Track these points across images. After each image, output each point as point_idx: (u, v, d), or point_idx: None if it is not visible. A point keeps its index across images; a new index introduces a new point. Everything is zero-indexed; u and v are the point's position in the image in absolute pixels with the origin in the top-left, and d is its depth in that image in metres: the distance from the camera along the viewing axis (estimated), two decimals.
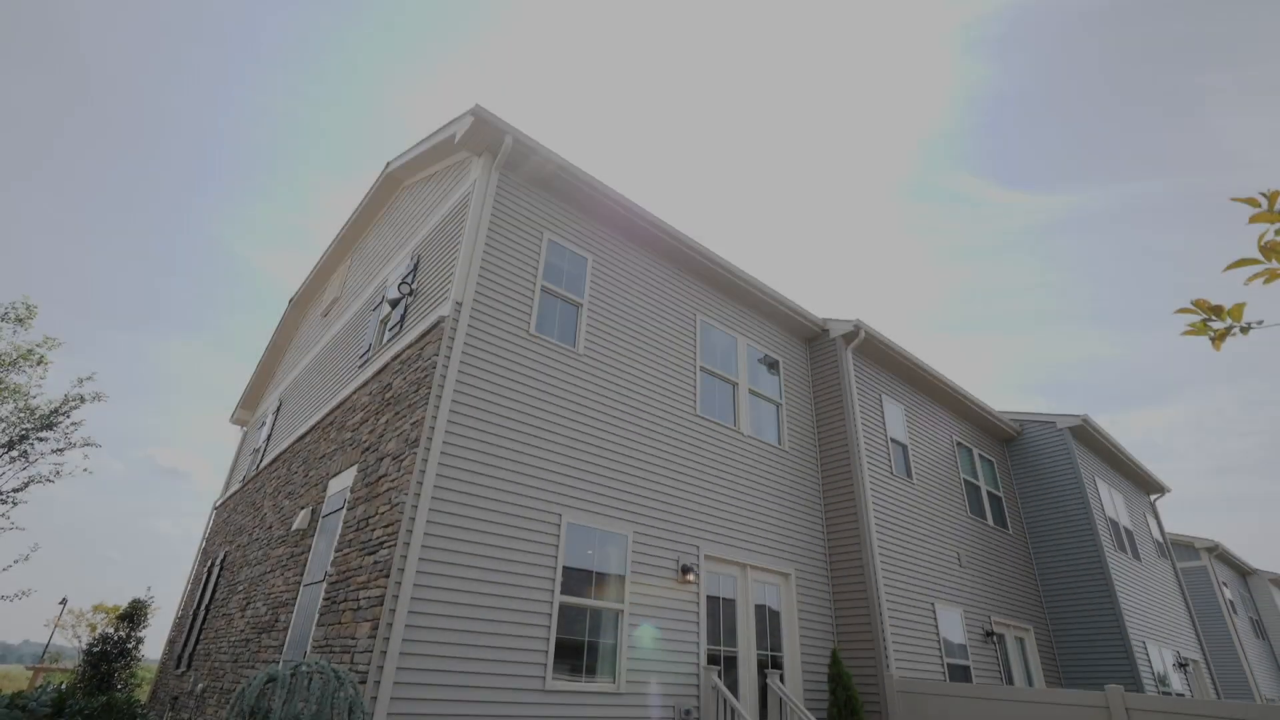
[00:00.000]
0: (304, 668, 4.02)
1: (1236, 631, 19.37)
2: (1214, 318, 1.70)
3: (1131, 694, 6.17)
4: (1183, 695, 12.37)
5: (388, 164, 10.15)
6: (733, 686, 7.31)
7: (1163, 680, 11.95)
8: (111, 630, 13.25)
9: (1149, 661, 11.68)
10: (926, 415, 11.81)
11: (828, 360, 10.49)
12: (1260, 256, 1.63)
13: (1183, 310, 1.74)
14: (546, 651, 5.86)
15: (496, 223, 7.25)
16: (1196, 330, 1.73)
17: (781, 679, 7.63)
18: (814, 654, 8.23)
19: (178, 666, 11.17)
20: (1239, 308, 1.68)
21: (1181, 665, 13.14)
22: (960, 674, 9.48)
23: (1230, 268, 1.64)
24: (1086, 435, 13.63)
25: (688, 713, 6.57)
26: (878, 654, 8.13)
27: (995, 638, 10.61)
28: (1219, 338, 1.69)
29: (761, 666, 7.67)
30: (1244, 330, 1.69)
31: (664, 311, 8.68)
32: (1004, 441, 13.99)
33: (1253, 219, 1.60)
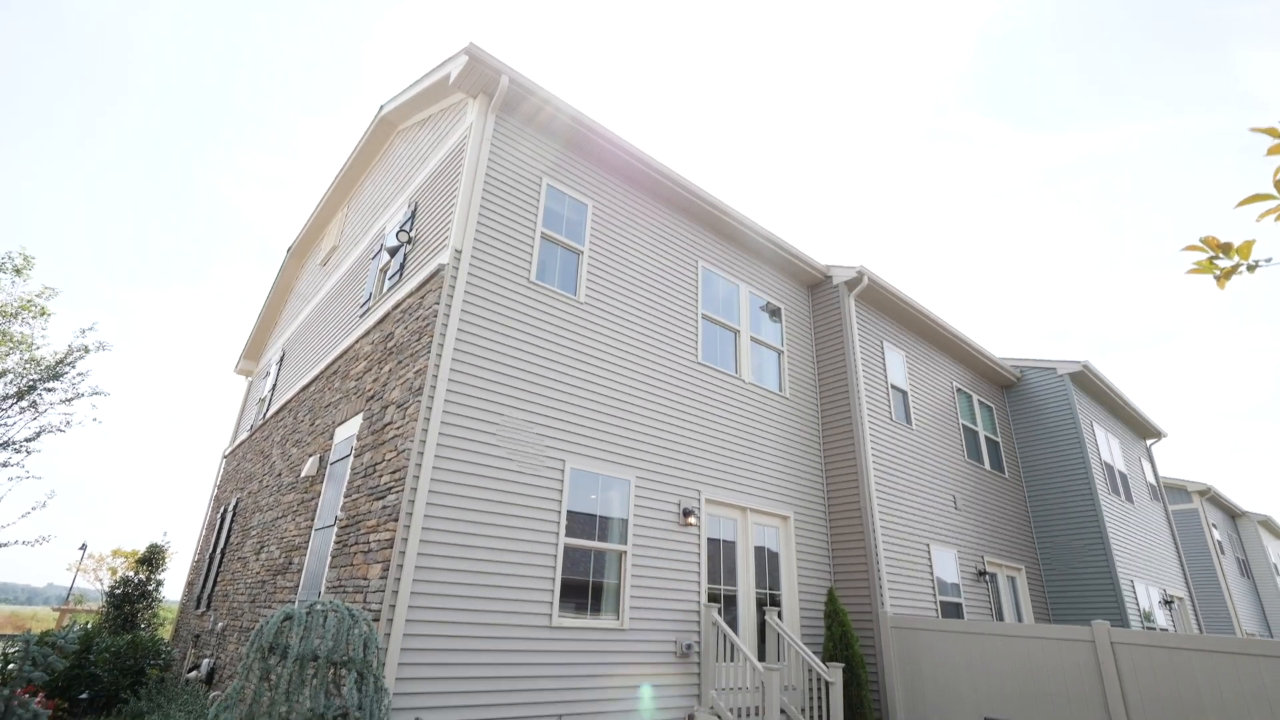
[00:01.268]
0: (319, 606, 4.16)
1: (1223, 571, 19.93)
2: (1221, 255, 1.67)
3: (1117, 629, 6.39)
4: (1166, 630, 12.82)
5: (381, 107, 9.88)
6: (732, 623, 7.58)
7: (1148, 617, 12.37)
8: (132, 574, 13.70)
9: (1135, 599, 12.06)
10: (928, 362, 11.84)
11: (830, 307, 10.45)
12: (1275, 192, 1.59)
13: (1190, 248, 1.72)
14: (552, 591, 6.06)
15: (494, 168, 7.11)
16: (1202, 269, 1.71)
17: (780, 616, 7.90)
18: (811, 593, 8.50)
19: (197, 607, 11.59)
20: (1247, 245, 1.66)
21: (1167, 602, 13.58)
22: (952, 611, 9.82)
23: (1243, 203, 1.61)
24: (1086, 381, 13.69)
25: (689, 647, 6.84)
26: (873, 593, 8.40)
27: (987, 577, 10.93)
28: (1225, 276, 1.67)
29: (760, 605, 7.94)
30: (1250, 269, 1.68)
31: (666, 259, 8.60)
32: (1004, 387, 14.07)
33: (1271, 150, 1.56)
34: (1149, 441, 16.83)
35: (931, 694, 7.42)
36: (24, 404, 10.57)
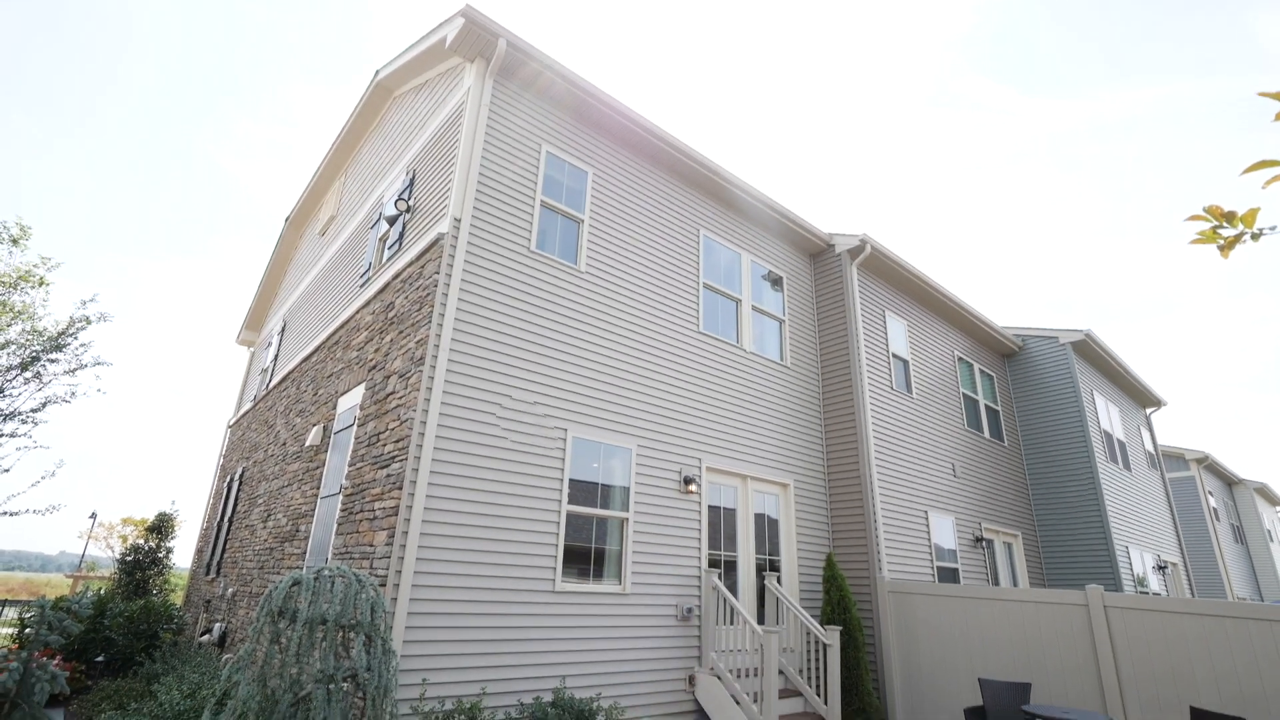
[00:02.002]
0: (326, 572, 4.25)
1: (1217, 537, 20.20)
2: (1225, 224, 1.66)
3: (1110, 593, 6.51)
4: (1159, 594, 13.04)
5: (376, 72, 9.70)
6: (732, 588, 7.73)
7: (1141, 581, 12.58)
8: (142, 541, 13.94)
9: (1130, 565, 12.26)
10: (929, 331, 11.83)
11: (832, 276, 10.40)
12: None
13: (1194, 217, 1.70)
14: (556, 556, 6.17)
15: (493, 134, 7.00)
16: (1206, 238, 1.70)
17: (779, 581, 8.05)
18: (810, 558, 8.64)
19: (208, 573, 11.82)
20: (1252, 213, 1.64)
21: (1160, 568, 13.79)
22: (949, 576, 9.99)
23: (1249, 170, 1.59)
24: (1088, 350, 13.69)
25: (689, 611, 6.99)
26: (871, 558, 8.54)
27: (984, 543, 11.09)
28: (1228, 245, 1.66)
29: (760, 570, 8.08)
30: (1254, 237, 1.66)
31: (667, 227, 8.52)
32: (1005, 356, 14.07)
33: (1279, 116, 1.53)
34: (1149, 410, 16.89)
35: (927, 656, 7.59)
36: (28, 375, 10.62)
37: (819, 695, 6.86)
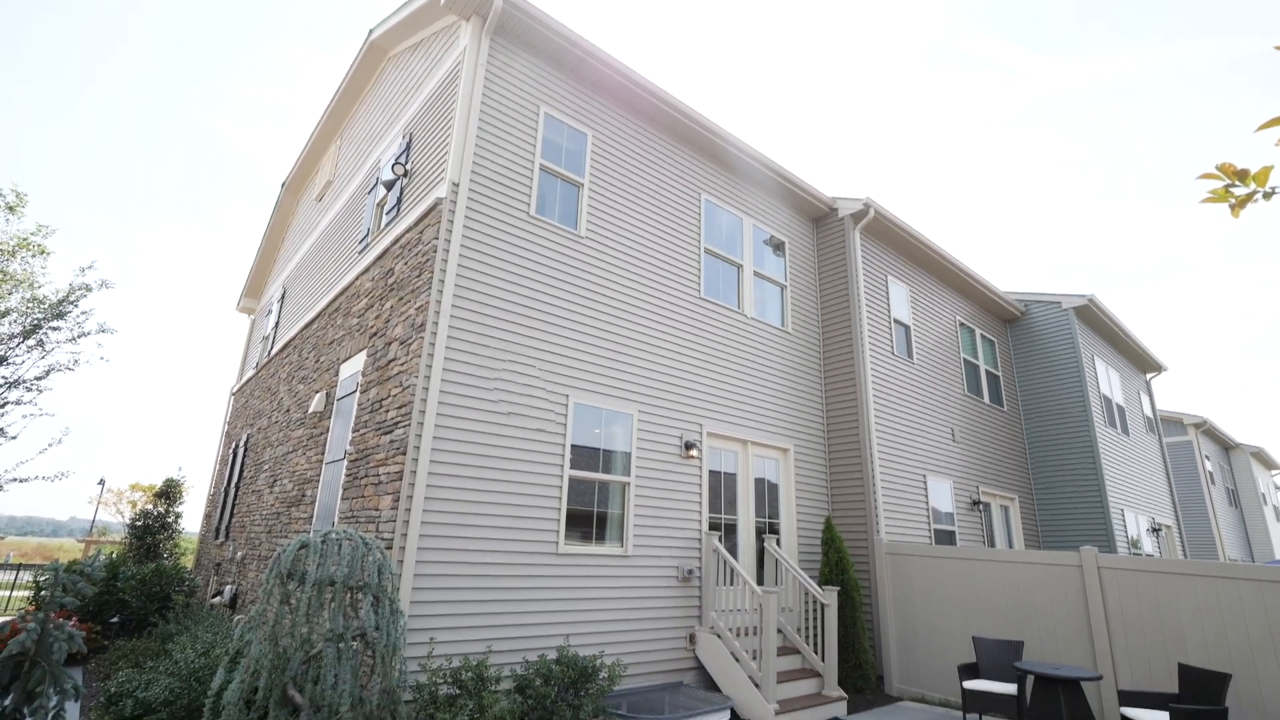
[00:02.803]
0: (333, 535, 4.32)
1: (1212, 501, 20.43)
2: (1237, 183, 1.63)
3: (1104, 554, 6.61)
4: (1152, 555, 13.27)
5: (370, 31, 9.45)
6: (732, 550, 7.86)
7: (1135, 543, 12.78)
8: (151, 507, 14.15)
9: (1124, 527, 12.43)
10: (932, 296, 11.77)
11: (835, 240, 10.30)
12: None
13: (1206, 175, 1.67)
14: (559, 520, 6.26)
15: (490, 96, 6.86)
16: (1218, 197, 1.67)
17: (778, 544, 8.18)
18: (809, 522, 8.77)
19: (216, 537, 12.03)
20: (1265, 171, 1.61)
21: (1154, 530, 13.99)
22: (946, 539, 10.15)
23: (1263, 127, 1.56)
24: (1090, 315, 13.64)
25: (690, 572, 7.13)
26: (869, 521, 8.66)
27: (981, 506, 11.23)
28: (1240, 204, 1.64)
29: (760, 533, 8.21)
30: (1267, 196, 1.64)
31: (668, 191, 8.42)
32: (1007, 322, 14.03)
33: None
34: (1149, 375, 16.91)
35: (923, 616, 7.76)
36: (31, 343, 10.63)
37: (816, 653, 7.03)
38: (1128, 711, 5.31)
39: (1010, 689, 5.93)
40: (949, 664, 7.33)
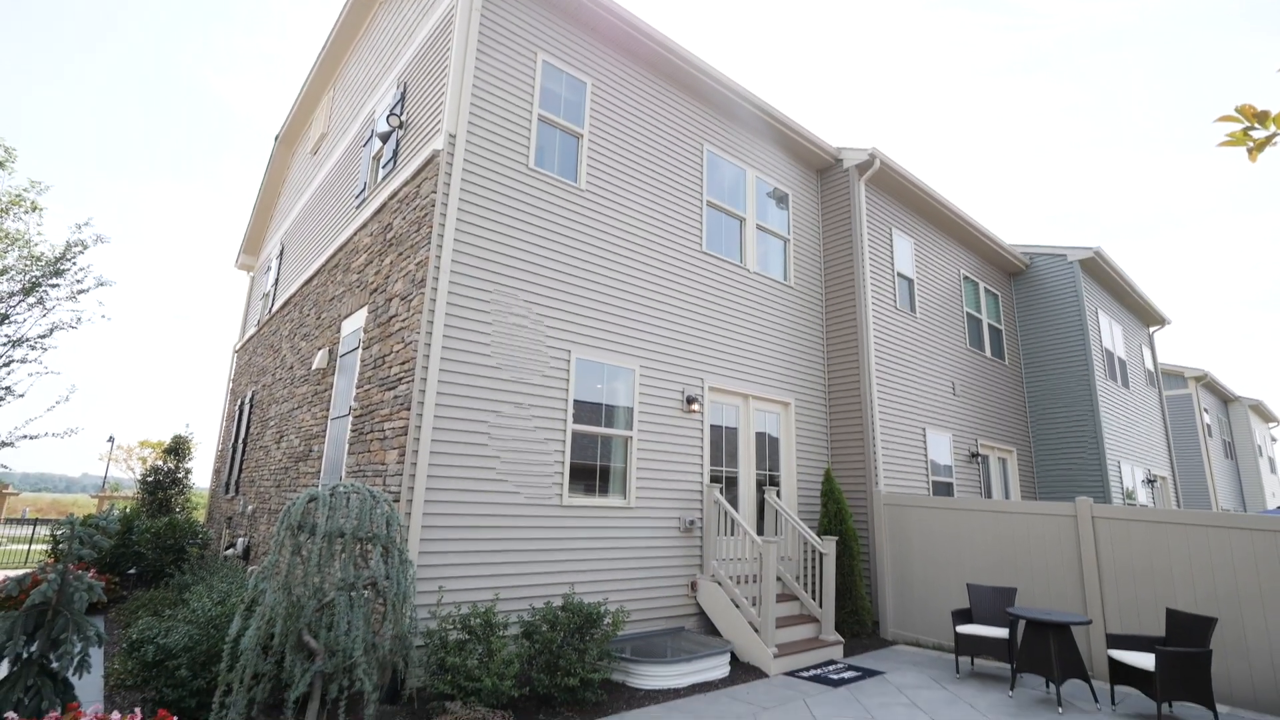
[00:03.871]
0: (341, 489, 4.39)
1: (1208, 453, 20.66)
2: (1257, 126, 1.59)
3: (1098, 505, 6.72)
4: (1146, 506, 13.49)
5: None
6: (733, 502, 8.00)
7: (1130, 494, 12.97)
8: (161, 463, 14.37)
9: (1120, 478, 12.60)
10: (936, 249, 11.65)
11: (839, 192, 10.13)
12: None
13: (1224, 118, 1.62)
14: (562, 473, 6.35)
15: (486, 42, 6.64)
16: (1236, 140, 1.63)
17: (778, 495, 8.32)
18: (809, 474, 8.89)
19: (227, 492, 12.25)
20: None
21: (1150, 481, 14.19)
22: (944, 490, 10.30)
23: None
24: (1096, 268, 13.52)
25: (691, 523, 7.27)
26: (868, 473, 8.78)
27: (979, 458, 11.36)
28: (1258, 147, 1.60)
29: (760, 485, 8.34)
30: None
31: (669, 142, 8.23)
32: (1011, 275, 13.92)
33: None
34: (1152, 329, 16.86)
35: (919, 565, 7.95)
36: (32, 301, 10.60)
37: (814, 600, 7.23)
38: (1115, 653, 5.48)
39: (1002, 633, 6.12)
40: (943, 611, 7.54)
